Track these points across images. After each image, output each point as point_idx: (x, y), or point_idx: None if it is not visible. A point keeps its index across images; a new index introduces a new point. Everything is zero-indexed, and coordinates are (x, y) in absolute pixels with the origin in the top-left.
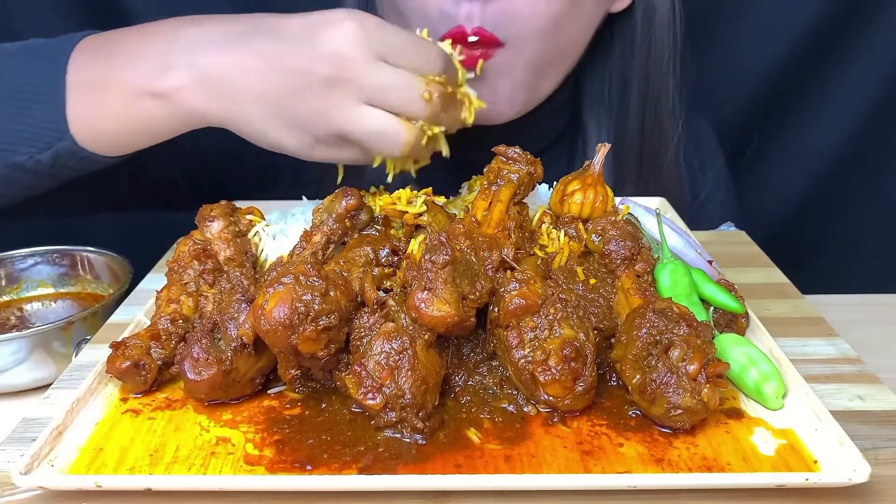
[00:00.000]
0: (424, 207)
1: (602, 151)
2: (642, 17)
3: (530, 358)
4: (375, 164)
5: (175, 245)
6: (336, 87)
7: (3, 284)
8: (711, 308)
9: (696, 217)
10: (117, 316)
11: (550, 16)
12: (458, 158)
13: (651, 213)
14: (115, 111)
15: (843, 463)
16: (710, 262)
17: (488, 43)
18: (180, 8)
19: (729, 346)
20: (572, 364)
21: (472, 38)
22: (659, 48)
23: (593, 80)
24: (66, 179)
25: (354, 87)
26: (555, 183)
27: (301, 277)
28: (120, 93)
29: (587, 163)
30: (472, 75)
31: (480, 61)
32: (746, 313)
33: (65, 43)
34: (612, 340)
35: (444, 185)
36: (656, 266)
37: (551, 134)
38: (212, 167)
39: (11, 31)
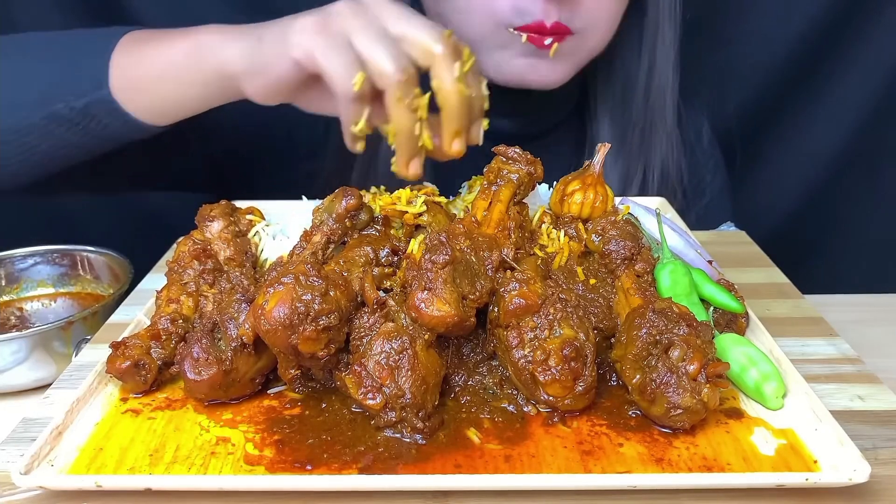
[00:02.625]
0: (424, 207)
1: (602, 151)
2: (649, 14)
3: (530, 358)
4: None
5: (175, 245)
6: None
7: (3, 284)
8: (711, 308)
9: (697, 217)
10: (117, 316)
11: (613, 10)
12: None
13: (651, 213)
14: (155, 67)
15: (843, 463)
16: (709, 262)
17: (563, 33)
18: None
19: (729, 346)
20: (572, 364)
21: (549, 37)
22: (662, 46)
23: (601, 71)
24: (95, 144)
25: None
26: (555, 183)
27: (301, 277)
28: (163, 53)
29: (587, 163)
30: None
31: (556, 45)
32: (746, 313)
33: (112, 30)
34: (612, 340)
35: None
36: (656, 266)
37: (563, 112)
38: (232, 151)
39: (11, 22)
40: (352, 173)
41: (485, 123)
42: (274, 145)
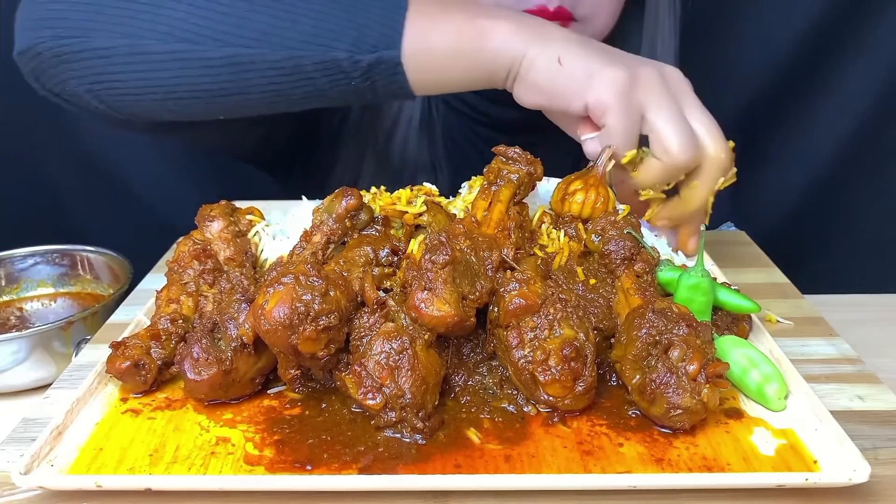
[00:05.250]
0: (424, 207)
1: (606, 153)
2: (648, 11)
3: (530, 358)
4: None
5: (175, 245)
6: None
7: (3, 284)
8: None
9: None
10: (117, 316)
11: None
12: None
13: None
14: (452, 33)
15: (843, 463)
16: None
17: (566, 18)
18: None
19: (729, 348)
20: (572, 364)
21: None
22: (662, 43)
23: None
24: (329, 101)
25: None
26: (557, 182)
27: (301, 277)
28: (461, 17)
29: (591, 163)
30: None
31: None
32: (750, 317)
33: None
34: (612, 340)
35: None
36: (681, 275)
37: None
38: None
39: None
40: (364, 163)
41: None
42: (302, 132)
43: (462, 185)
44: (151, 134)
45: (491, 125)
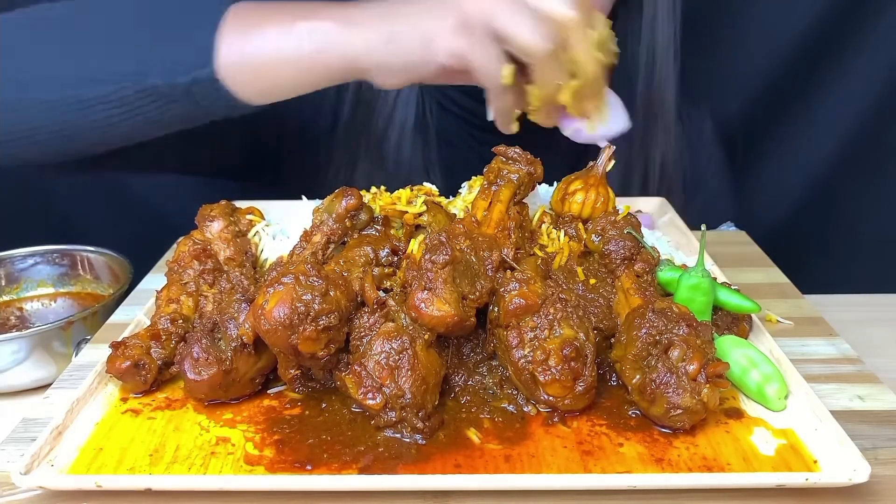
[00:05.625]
0: (424, 207)
1: (606, 153)
2: (647, 8)
3: (530, 358)
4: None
5: (175, 245)
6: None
7: (3, 284)
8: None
9: (697, 216)
10: (117, 316)
11: None
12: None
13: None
14: (270, 49)
15: (843, 463)
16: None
17: None
18: None
19: (729, 348)
20: (572, 364)
21: None
22: (662, 41)
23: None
24: (180, 122)
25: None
26: (556, 183)
27: (301, 277)
28: (281, 35)
29: (591, 163)
30: None
31: None
32: (750, 317)
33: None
34: (612, 340)
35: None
36: (682, 275)
37: None
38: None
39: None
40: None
41: None
42: (288, 135)
43: (462, 185)
44: (82, 173)
45: (485, 127)
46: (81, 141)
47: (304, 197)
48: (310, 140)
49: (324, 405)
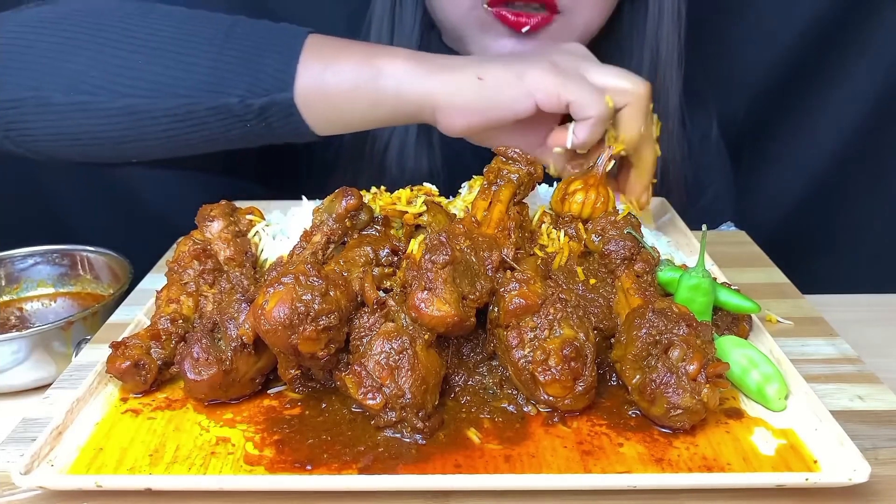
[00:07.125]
0: (424, 207)
1: (606, 154)
2: (653, 8)
3: (530, 358)
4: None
5: (175, 245)
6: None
7: (3, 284)
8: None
9: (697, 216)
10: (117, 316)
11: None
12: None
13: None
14: (346, 81)
15: (843, 463)
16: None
17: (550, 8)
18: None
19: (729, 348)
20: (572, 364)
21: (527, 17)
22: (665, 40)
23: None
24: (243, 142)
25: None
26: (556, 183)
27: (301, 277)
28: (357, 57)
29: (591, 164)
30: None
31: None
32: (750, 317)
33: (294, 28)
34: (612, 340)
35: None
36: (682, 275)
37: None
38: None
39: None
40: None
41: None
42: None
43: (462, 185)
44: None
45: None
46: (130, 150)
47: (304, 197)
48: (318, 147)
49: (324, 405)
